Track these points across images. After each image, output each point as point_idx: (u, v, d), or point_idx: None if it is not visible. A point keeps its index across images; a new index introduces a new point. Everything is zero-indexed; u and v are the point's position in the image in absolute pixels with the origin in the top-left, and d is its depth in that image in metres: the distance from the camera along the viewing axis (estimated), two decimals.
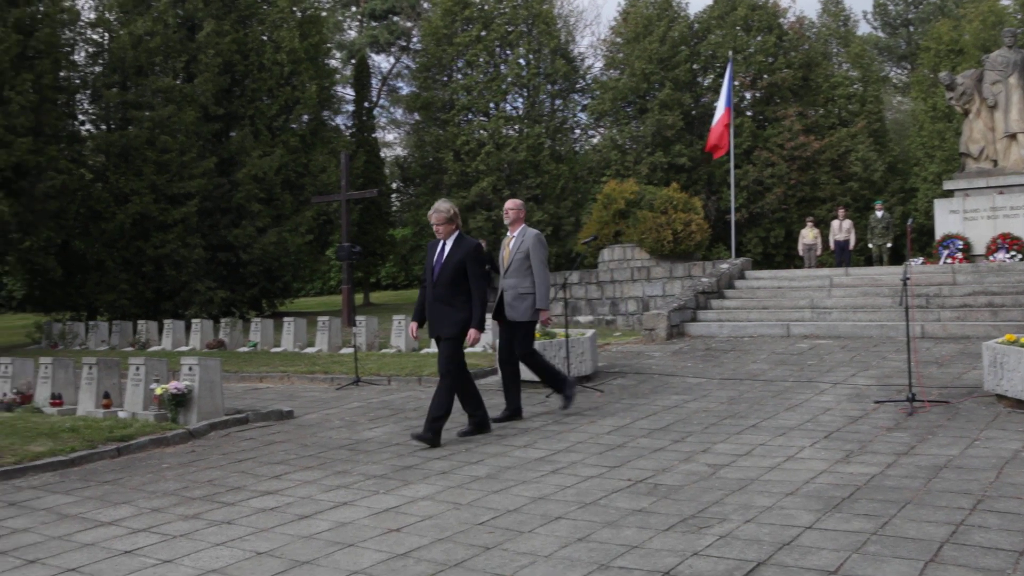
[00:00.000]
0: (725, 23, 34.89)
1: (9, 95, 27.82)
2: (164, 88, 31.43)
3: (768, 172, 32.93)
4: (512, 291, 9.42)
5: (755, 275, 20.12)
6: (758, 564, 4.98)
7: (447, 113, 35.83)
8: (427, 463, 8.08)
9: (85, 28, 34.63)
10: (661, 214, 22.16)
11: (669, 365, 13.64)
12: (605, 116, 36.34)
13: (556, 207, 34.08)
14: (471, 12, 36.02)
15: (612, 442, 8.57)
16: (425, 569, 5.20)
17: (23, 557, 5.94)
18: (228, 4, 33.40)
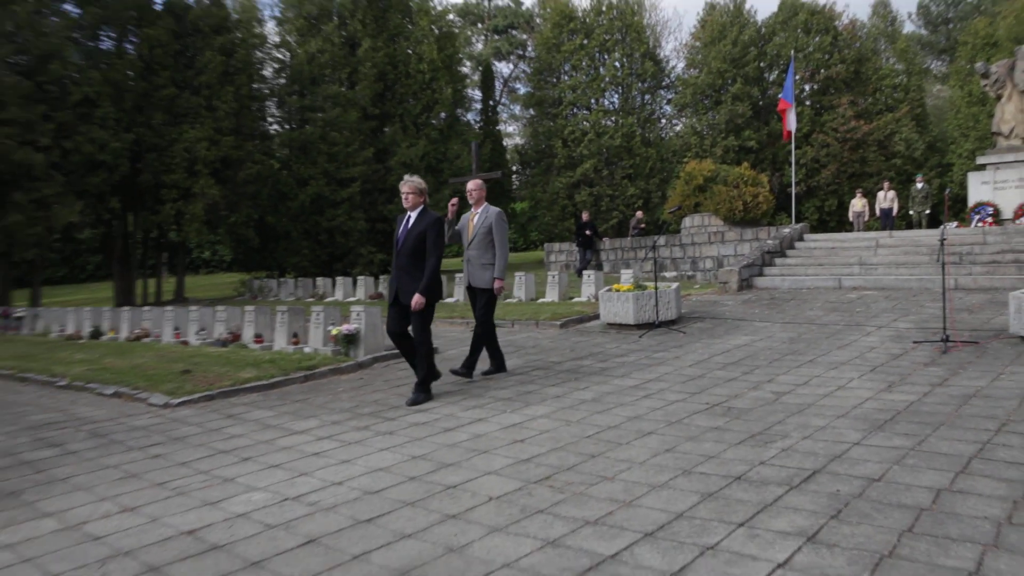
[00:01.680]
0: (788, 27, 33.83)
1: (216, 103, 28.82)
2: (332, 94, 32.08)
3: (824, 152, 31.97)
4: (476, 262, 8.65)
5: (812, 238, 19.62)
6: (814, 472, 4.97)
7: (556, 108, 35.69)
8: (544, 389, 8.19)
9: (271, 49, 35.54)
10: (733, 188, 21.79)
11: (740, 312, 13.47)
12: (686, 108, 35.74)
13: (646, 183, 33.74)
14: (575, 25, 35.75)
15: (693, 373, 8.56)
16: (544, 472, 5.33)
17: (239, 456, 6.29)
18: (381, 25, 33.75)
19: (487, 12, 53.30)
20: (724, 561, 3.74)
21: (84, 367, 12.01)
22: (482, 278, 8.59)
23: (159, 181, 27.95)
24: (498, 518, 4.49)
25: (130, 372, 10.87)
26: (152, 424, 7.82)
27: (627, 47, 35.47)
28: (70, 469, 6.26)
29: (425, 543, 4.19)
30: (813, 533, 4.00)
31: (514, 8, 52.68)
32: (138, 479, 5.81)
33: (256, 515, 4.82)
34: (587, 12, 36.36)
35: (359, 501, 4.95)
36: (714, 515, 4.34)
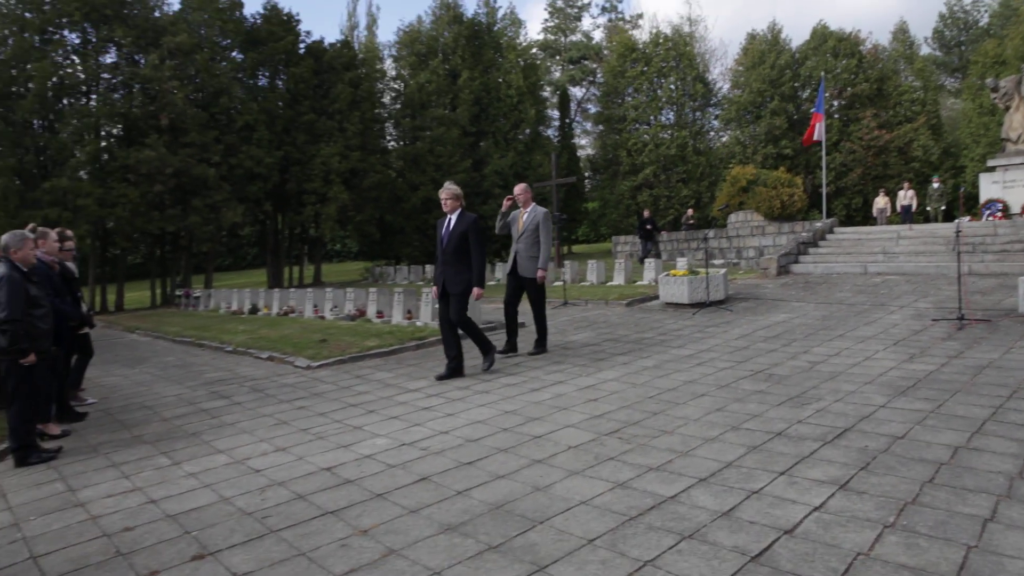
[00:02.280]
0: (819, 52, 32.46)
1: (346, 126, 29.40)
2: (438, 116, 32.34)
3: (851, 157, 30.66)
4: (524, 254, 8.30)
5: (841, 230, 18.83)
6: (845, 430, 4.77)
7: (621, 124, 35.15)
8: (613, 357, 8.09)
9: (389, 81, 36.07)
10: (772, 189, 21.11)
11: (778, 293, 13.04)
12: (731, 122, 34.70)
13: (697, 186, 33.00)
14: (637, 55, 35.11)
15: (739, 345, 8.32)
16: (615, 425, 5.26)
17: (365, 408, 6.40)
18: (476, 59, 33.81)
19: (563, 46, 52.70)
20: (767, 504, 3.63)
21: (245, 336, 12.44)
22: (529, 268, 8.28)
23: (301, 188, 28.72)
24: (576, 463, 4.45)
25: (280, 340, 11.20)
26: (297, 382, 8.04)
27: (680, 72, 34.63)
28: (236, 416, 6.49)
29: (516, 483, 4.19)
30: (845, 482, 3.85)
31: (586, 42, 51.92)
32: (287, 425, 5.98)
33: (379, 456, 4.90)
34: (647, 44, 35.64)
35: (461, 447, 4.98)
36: (758, 465, 4.21)
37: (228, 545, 3.57)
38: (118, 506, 4.24)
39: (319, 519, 3.83)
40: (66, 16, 23.71)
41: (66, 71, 24.15)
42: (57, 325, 6.05)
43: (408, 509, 3.88)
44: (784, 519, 3.43)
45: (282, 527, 3.75)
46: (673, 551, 3.18)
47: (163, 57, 24.79)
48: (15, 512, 4.34)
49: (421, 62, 34.06)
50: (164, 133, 24.58)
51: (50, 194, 22.44)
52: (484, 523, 3.62)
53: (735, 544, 3.20)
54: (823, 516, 3.43)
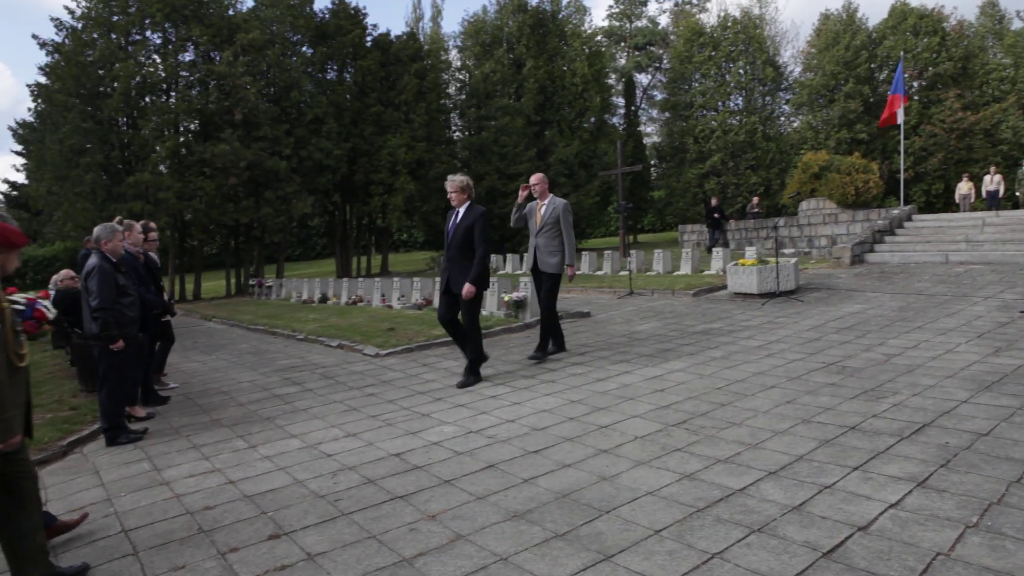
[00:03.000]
0: (898, 31, 31.04)
1: (412, 117, 29.78)
2: (502, 106, 32.39)
3: (931, 141, 29.28)
4: (544, 249, 7.62)
5: (920, 218, 18.05)
6: (924, 425, 4.60)
7: (688, 111, 34.48)
8: (680, 347, 8.00)
9: (454, 72, 36.23)
10: (846, 175, 20.36)
11: (852, 283, 12.62)
12: (803, 106, 33.59)
13: (767, 173, 32.13)
14: (704, 39, 34.33)
15: (810, 336, 8.10)
16: (681, 417, 5.21)
17: (433, 396, 6.49)
18: (541, 48, 33.67)
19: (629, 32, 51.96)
20: (840, 499, 3.54)
21: (315, 324, 12.77)
22: (549, 263, 7.61)
23: (369, 179, 29.25)
24: (642, 454, 4.43)
25: (349, 329, 11.46)
26: (366, 370, 8.22)
27: (750, 56, 33.70)
28: (308, 402, 6.69)
29: (582, 472, 4.19)
30: (923, 479, 3.72)
31: (652, 28, 51.09)
32: (357, 412, 6.13)
33: (447, 443, 4.97)
34: (715, 28, 34.78)
35: (527, 436, 5.01)
36: (830, 459, 4.10)
37: (302, 526, 3.70)
38: (199, 486, 4.44)
39: (389, 503, 3.92)
40: (149, 17, 24.71)
41: (148, 70, 25.18)
42: (143, 313, 6.35)
43: (475, 496, 3.94)
44: (858, 515, 3.34)
45: (353, 510, 3.86)
46: (741, 544, 3.14)
47: (237, 54, 25.57)
48: (108, 488, 4.59)
49: (486, 52, 34.14)
50: (238, 127, 25.38)
51: (134, 188, 23.50)
52: (550, 511, 3.65)
53: (806, 539, 3.13)
54: (900, 513, 3.33)
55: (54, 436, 5.80)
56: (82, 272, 6.04)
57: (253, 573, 3.24)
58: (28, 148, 27.73)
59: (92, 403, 6.75)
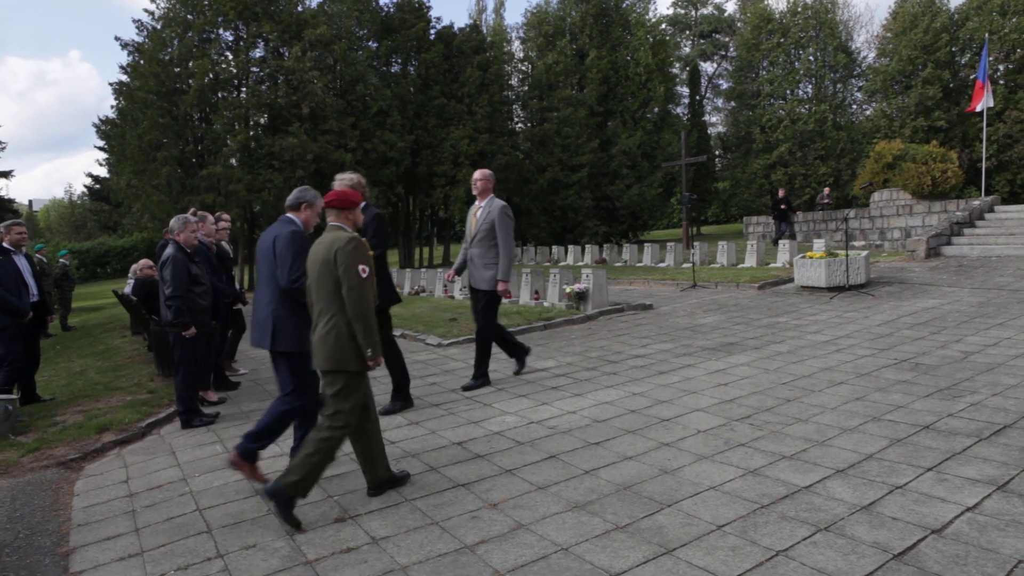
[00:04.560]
0: (983, 11, 29.52)
1: (475, 109, 29.92)
2: (565, 97, 32.24)
3: (1017, 128, 27.79)
4: (478, 261, 6.42)
5: (1003, 209, 17.19)
6: (1004, 426, 4.40)
7: (755, 100, 33.64)
8: (744, 341, 7.85)
9: (517, 63, 36.22)
10: (922, 164, 19.55)
11: (927, 277, 12.13)
12: (876, 93, 32.32)
13: (837, 163, 31.11)
14: (773, 25, 33.39)
15: (881, 332, 7.83)
16: (745, 411, 5.12)
17: (495, 386, 6.50)
18: (604, 37, 33.34)
19: (694, 20, 50.94)
20: (912, 500, 3.42)
21: None
22: (483, 279, 6.41)
23: (432, 171, 29.57)
24: (705, 448, 4.38)
25: (412, 319, 11.63)
26: (429, 359, 8.33)
27: (820, 42, 32.62)
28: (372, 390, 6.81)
29: (643, 464, 4.17)
30: (1004, 482, 3.56)
31: (717, 15, 49.95)
32: (420, 400, 6.22)
33: (508, 433, 5.01)
34: (784, 13, 33.76)
35: (589, 427, 5.01)
36: (902, 459, 3.97)
37: (367, 511, 3.79)
38: (268, 469, 4.59)
39: (451, 491, 3.98)
40: (222, 15, 25.50)
41: (220, 67, 26.01)
42: (215, 301, 6.58)
43: (536, 486, 3.96)
44: (932, 518, 3.23)
45: (416, 496, 3.93)
46: (807, 542, 3.07)
47: (305, 49, 26.15)
48: (183, 468, 4.79)
49: (548, 43, 34.01)
50: (305, 121, 25.99)
51: (206, 181, 24.35)
52: (611, 503, 3.64)
53: (876, 540, 3.05)
54: (977, 517, 3.20)
55: (134, 418, 6.08)
56: (158, 262, 6.31)
57: (319, 554, 3.34)
58: (110, 143, 28.90)
59: (168, 387, 7.05)
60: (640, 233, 35.47)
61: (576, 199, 31.31)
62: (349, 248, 3.72)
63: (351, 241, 3.75)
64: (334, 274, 3.72)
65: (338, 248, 3.72)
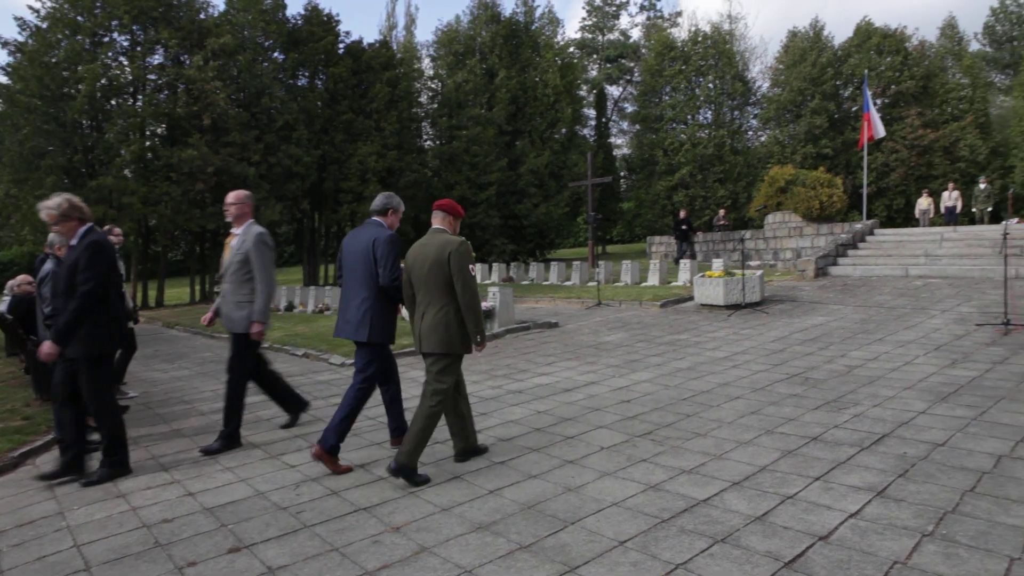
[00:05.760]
0: (862, 49, 31.78)
1: (383, 125, 29.67)
2: (474, 116, 32.43)
3: (893, 157, 29.99)
4: (229, 299, 5.40)
5: (882, 232, 18.44)
6: (883, 436, 4.68)
7: (658, 123, 34.87)
8: (647, 358, 8.05)
9: (427, 81, 36.22)
10: (811, 189, 20.74)
11: (816, 296, 12.83)
12: (770, 121, 34.17)
13: (734, 186, 32.59)
14: (675, 53, 34.79)
15: (774, 348, 8.21)
16: (647, 427, 5.23)
17: None
18: (514, 58, 33.83)
19: (601, 45, 52.41)
20: (802, 509, 3.58)
21: (281, 332, 12.62)
22: (233, 319, 5.40)
23: (338, 187, 29.06)
24: (608, 464, 4.44)
25: (315, 338, 11.35)
26: (332, 379, 8.14)
27: (719, 71, 34.23)
28: (272, 412, 6.59)
29: (547, 483, 4.19)
30: (882, 489, 3.78)
31: (623, 41, 51.59)
32: (321, 422, 6.04)
33: None
34: (685, 42, 35.26)
35: (494, 447, 4.99)
36: (793, 469, 4.15)
37: (263, 539, 3.63)
38: (157, 498, 4.34)
39: (352, 515, 3.88)
40: (116, 19, 24.31)
41: (114, 72, 24.75)
42: None
43: (440, 507, 3.91)
44: (819, 525, 3.38)
45: (316, 522, 3.81)
46: (705, 555, 3.15)
47: (207, 58, 25.26)
48: (60, 501, 4.46)
49: (458, 61, 34.19)
50: (206, 132, 25.06)
51: (96, 192, 23.00)
52: (516, 522, 3.63)
53: (768, 549, 3.16)
54: (859, 523, 3.38)
55: (5, 447, 5.64)
56: (37, 277, 5.91)
57: None
58: None
59: (46, 412, 6.59)
60: (547, 251, 35.97)
61: (484, 217, 31.45)
62: (462, 250, 4.33)
63: (463, 244, 4.37)
64: (446, 271, 4.31)
65: (451, 250, 4.31)
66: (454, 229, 4.62)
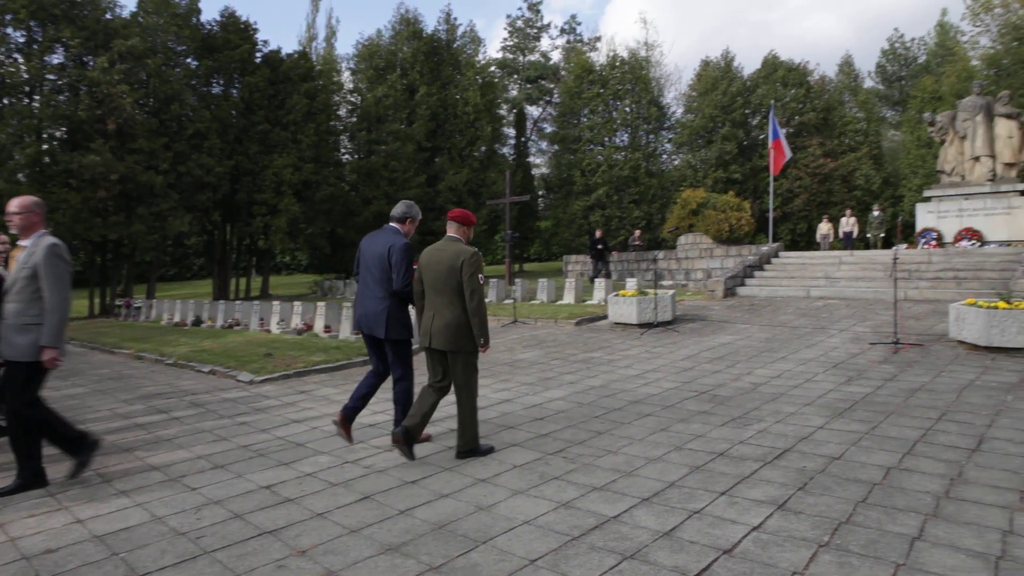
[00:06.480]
0: (769, 81, 33.42)
1: (300, 137, 29.12)
2: (394, 131, 32.25)
3: (797, 184, 31.57)
4: (12, 320, 4.58)
5: (786, 255, 19.32)
6: (785, 451, 4.86)
7: (576, 144, 35.55)
8: (561, 376, 8.12)
9: (346, 94, 35.88)
10: (721, 212, 21.57)
11: (724, 315, 13.29)
12: (683, 145, 35.41)
13: (648, 207, 33.50)
14: (593, 77, 35.59)
15: (685, 366, 8.44)
16: (559, 445, 5.26)
17: (309, 425, 6.26)
18: (435, 75, 33.87)
19: (521, 65, 53.12)
20: (708, 523, 3.66)
21: (187, 348, 12.12)
22: (17, 345, 4.59)
23: (252, 199, 28.25)
24: (520, 483, 4.44)
25: (223, 354, 10.94)
26: (240, 397, 7.85)
27: (636, 95, 35.25)
28: (173, 431, 6.30)
29: (459, 502, 4.15)
30: (783, 502, 3.92)
31: (543, 62, 52.43)
32: (227, 441, 5.83)
33: (321, 474, 4.80)
34: (603, 66, 36.18)
35: (406, 466, 4.91)
36: (700, 485, 4.26)
37: (158, 567, 3.44)
38: (40, 526, 4.06)
39: (256, 539, 3.73)
40: (10, 13, 22.97)
41: (8, 70, 23.34)
42: None
43: (349, 528, 3.81)
44: (724, 539, 3.47)
45: (217, 548, 3.64)
46: (614, 571, 3.18)
47: (113, 60, 24.18)
48: None
49: (379, 76, 33.96)
50: (111, 138, 23.92)
51: None
52: (426, 543, 3.58)
53: (675, 564, 3.22)
54: (761, 536, 3.48)
55: None
56: None
57: None
58: None
59: None
60: None
61: None
62: (474, 259, 4.83)
63: (475, 255, 4.86)
64: (458, 277, 4.80)
65: (465, 259, 4.80)
66: (467, 237, 5.11)
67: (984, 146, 18.81)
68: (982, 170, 18.84)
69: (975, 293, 12.67)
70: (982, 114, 18.99)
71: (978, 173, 18.90)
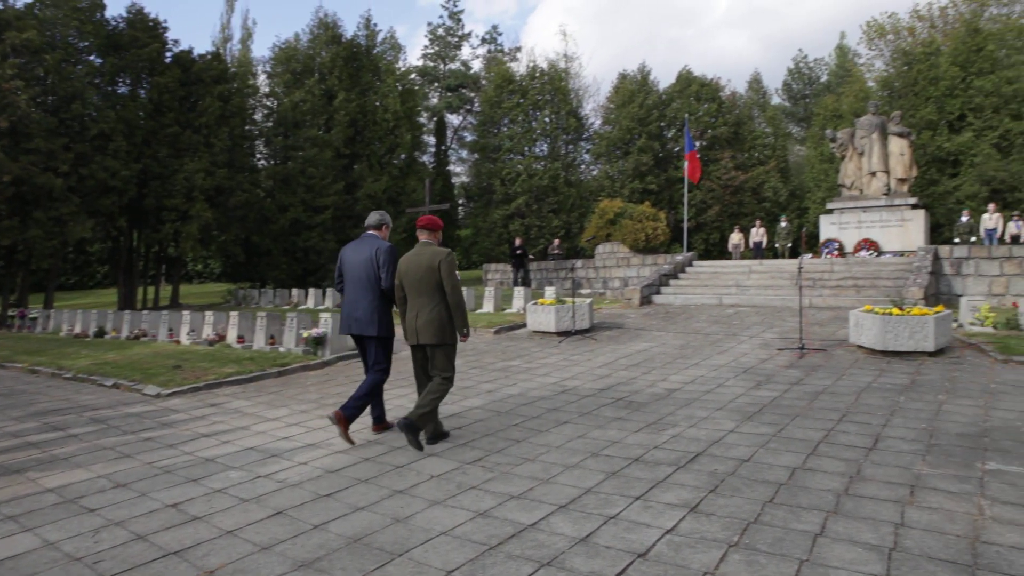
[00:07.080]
0: (683, 95, 34.49)
1: (213, 141, 28.19)
2: (311, 136, 31.58)
3: (710, 195, 32.67)
4: None
5: (699, 264, 19.94)
6: (697, 454, 4.99)
7: (496, 153, 35.72)
8: (479, 385, 8.10)
9: (262, 98, 34.97)
10: (637, 222, 22.07)
11: (640, 323, 13.58)
12: (601, 156, 36.12)
13: (567, 216, 33.93)
14: (513, 86, 35.86)
15: (602, 373, 8.57)
16: (477, 454, 5.24)
17: (220, 439, 6.04)
18: (354, 81, 33.36)
19: (442, 73, 53.08)
20: (623, 528, 3.72)
21: (88, 361, 11.51)
22: None
23: (161, 204, 27.10)
24: (438, 493, 4.40)
25: (128, 366, 10.45)
26: (145, 411, 7.50)
27: (555, 106, 35.71)
28: (71, 449, 5.96)
29: (375, 514, 4.08)
30: (695, 504, 4.02)
31: (464, 71, 52.54)
32: (130, 459, 5.55)
33: (232, 490, 4.63)
34: (524, 76, 36.50)
35: (321, 479, 4.80)
36: (616, 490, 4.32)
37: None
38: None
39: (160, 561, 3.56)
40: None
41: None
42: None
43: (260, 546, 3.68)
44: (638, 543, 3.53)
45: (116, 572, 3.45)
46: None
47: (6, 54, 22.81)
48: None
49: (296, 80, 33.21)
50: (3, 137, 22.52)
51: None
52: (341, 558, 3.49)
53: (591, 570, 3.25)
54: (674, 538, 3.56)
55: None
56: None
57: None
58: None
59: None
60: None
61: (319, 241, 30.55)
62: (450, 259, 5.37)
63: (450, 254, 5.40)
64: (436, 276, 5.31)
65: (441, 259, 5.34)
66: (438, 241, 5.61)
67: (880, 162, 19.98)
68: (878, 184, 20.00)
69: (872, 300, 13.40)
70: (877, 132, 20.18)
71: (874, 187, 20.05)
